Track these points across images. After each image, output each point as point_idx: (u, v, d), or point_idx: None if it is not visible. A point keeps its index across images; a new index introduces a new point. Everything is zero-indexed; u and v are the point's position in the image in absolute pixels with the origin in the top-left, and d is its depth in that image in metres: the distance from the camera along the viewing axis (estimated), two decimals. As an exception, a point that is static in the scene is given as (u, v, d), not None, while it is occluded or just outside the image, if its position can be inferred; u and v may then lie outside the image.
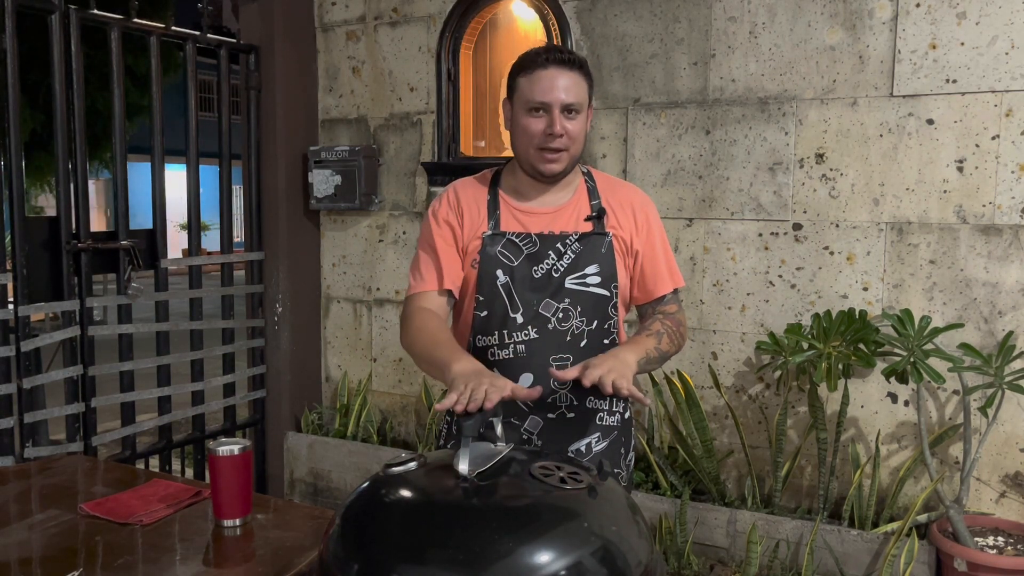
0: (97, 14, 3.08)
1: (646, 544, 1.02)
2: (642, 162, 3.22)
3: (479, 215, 1.70)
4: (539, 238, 1.66)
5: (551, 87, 1.58)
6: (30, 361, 2.92)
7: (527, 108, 1.61)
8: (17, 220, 2.86)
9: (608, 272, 1.66)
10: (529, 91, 1.60)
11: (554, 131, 1.59)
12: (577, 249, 1.65)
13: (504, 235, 1.67)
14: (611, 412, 1.73)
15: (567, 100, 1.59)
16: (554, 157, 1.62)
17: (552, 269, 1.64)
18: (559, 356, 1.64)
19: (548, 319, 1.64)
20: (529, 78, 1.61)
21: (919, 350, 2.58)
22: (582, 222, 1.68)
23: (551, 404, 1.67)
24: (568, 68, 1.60)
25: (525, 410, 1.65)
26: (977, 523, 2.71)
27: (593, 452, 1.70)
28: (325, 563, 1.01)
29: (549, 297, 1.64)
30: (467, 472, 1.03)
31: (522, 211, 1.70)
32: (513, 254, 1.66)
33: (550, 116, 1.59)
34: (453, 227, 1.70)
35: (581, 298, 1.64)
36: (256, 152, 3.79)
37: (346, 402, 3.91)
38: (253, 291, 3.86)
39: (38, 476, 1.78)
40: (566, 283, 1.64)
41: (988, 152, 2.69)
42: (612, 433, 1.73)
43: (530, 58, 1.62)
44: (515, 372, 1.63)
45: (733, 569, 2.91)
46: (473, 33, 3.63)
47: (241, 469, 1.51)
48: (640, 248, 1.71)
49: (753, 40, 2.99)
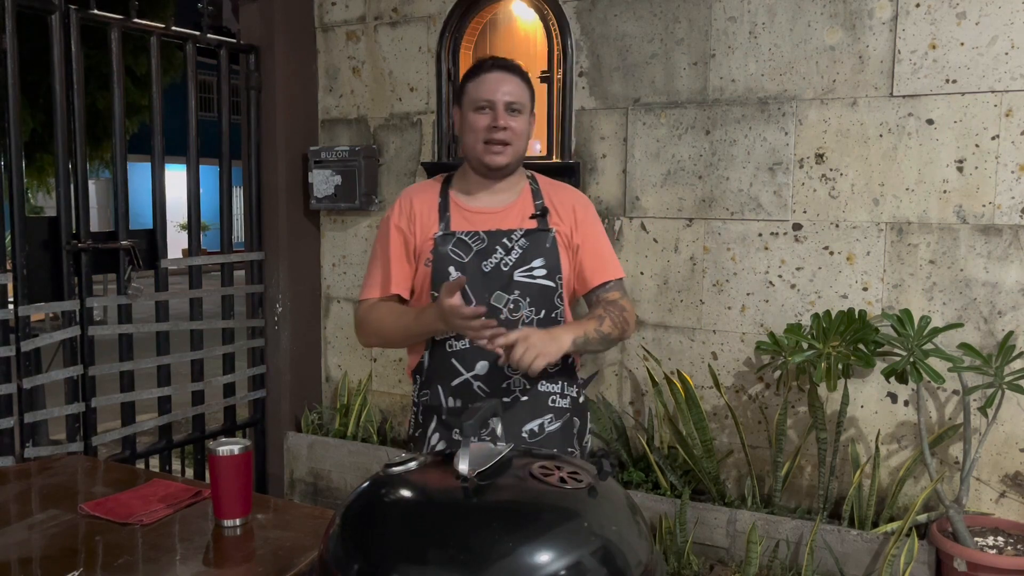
0: (97, 14, 3.08)
1: (646, 544, 1.02)
2: (642, 162, 3.22)
3: (430, 218, 1.83)
4: (487, 235, 1.80)
5: (495, 87, 1.76)
6: (30, 361, 2.92)
7: (474, 107, 1.78)
8: (17, 220, 2.86)
9: (553, 264, 1.80)
10: (476, 92, 1.78)
11: (498, 124, 1.75)
12: (524, 244, 1.79)
13: (454, 234, 1.80)
14: (563, 395, 1.87)
15: (509, 99, 1.76)
16: (499, 150, 1.77)
17: (501, 263, 1.78)
18: None
19: (500, 310, 1.77)
20: (475, 82, 1.79)
21: (919, 350, 2.58)
22: (527, 220, 1.83)
23: (506, 389, 1.80)
24: (510, 73, 1.79)
25: (482, 396, 1.79)
26: (977, 523, 2.71)
27: (546, 432, 1.83)
28: (325, 563, 1.01)
29: (500, 289, 1.77)
30: (467, 472, 1.03)
31: (471, 211, 1.84)
32: (463, 251, 1.79)
33: (495, 112, 1.76)
34: (405, 232, 1.85)
35: (530, 289, 1.78)
36: (256, 152, 3.79)
37: (346, 402, 3.91)
38: (253, 291, 3.86)
39: (38, 476, 1.78)
40: (515, 276, 1.78)
41: (988, 152, 2.69)
42: (564, 415, 1.86)
43: (476, 66, 1.83)
44: (472, 360, 1.79)
45: (733, 569, 2.91)
46: (473, 33, 3.63)
47: (241, 469, 1.51)
48: (580, 242, 1.86)
49: (753, 40, 2.99)
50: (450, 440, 1.82)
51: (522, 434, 1.81)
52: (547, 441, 1.81)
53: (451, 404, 1.82)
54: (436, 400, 1.84)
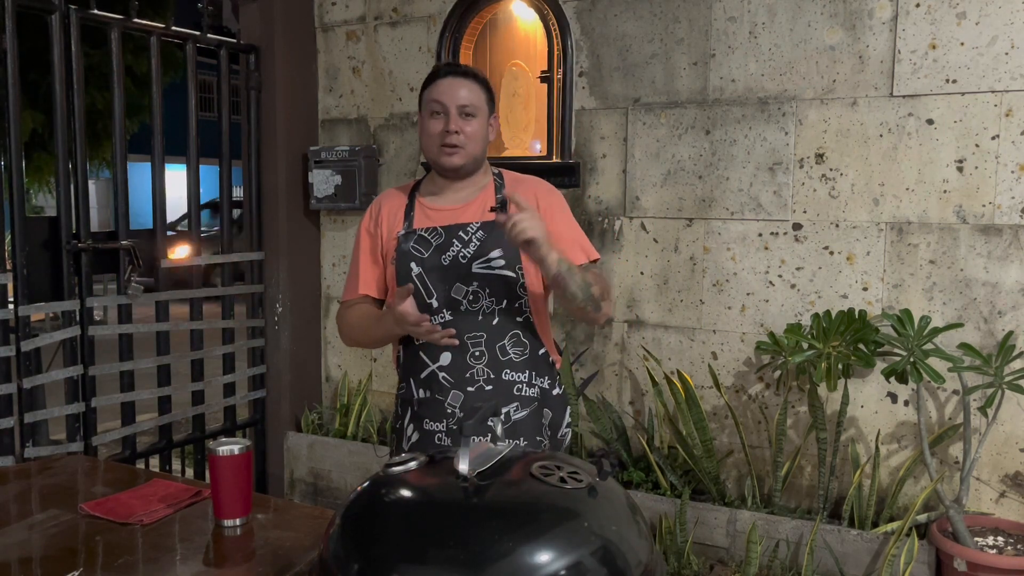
0: (97, 14, 3.08)
1: (646, 544, 1.02)
2: (642, 162, 3.22)
3: (396, 219, 1.92)
4: (444, 230, 1.85)
5: (447, 91, 1.82)
6: (30, 361, 2.92)
7: (429, 112, 1.84)
8: (17, 220, 2.86)
9: (511, 255, 1.82)
10: (430, 96, 1.84)
11: (449, 128, 1.81)
12: (481, 236, 1.83)
13: (416, 232, 1.87)
14: (530, 384, 1.88)
15: (461, 102, 1.81)
16: (451, 151, 1.82)
17: (459, 256, 1.82)
18: (473, 334, 1.82)
19: (460, 302, 1.82)
20: (431, 87, 1.85)
21: (919, 350, 2.58)
22: (487, 213, 1.85)
23: (470, 379, 1.84)
24: (464, 77, 1.84)
25: (447, 386, 1.84)
26: (977, 523, 2.71)
27: (512, 420, 1.85)
28: (325, 563, 1.01)
29: (459, 281, 1.81)
30: (467, 472, 1.03)
31: (433, 209, 1.90)
32: (423, 247, 1.84)
33: (447, 116, 1.81)
34: (373, 236, 1.94)
35: (488, 280, 1.82)
36: (256, 152, 3.79)
37: (346, 402, 3.91)
38: (253, 291, 3.86)
39: (38, 476, 1.78)
40: (473, 267, 1.82)
41: (988, 152, 2.69)
42: (532, 404, 1.88)
43: (432, 72, 1.88)
44: (436, 352, 1.84)
45: (733, 569, 2.91)
46: (473, 33, 3.63)
47: (241, 469, 1.51)
48: None
49: (753, 40, 2.99)
50: (422, 430, 1.88)
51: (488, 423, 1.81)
52: (513, 429, 1.84)
53: (421, 395, 1.88)
54: (409, 393, 1.91)
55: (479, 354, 1.83)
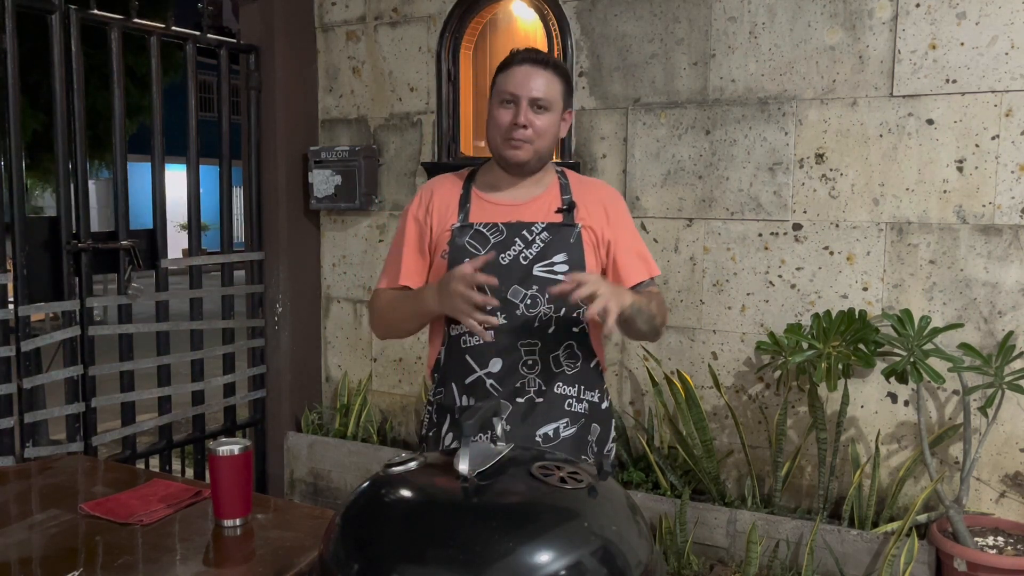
0: (97, 14, 3.08)
1: (646, 544, 1.02)
2: (642, 162, 3.22)
3: (449, 210, 1.78)
4: (506, 227, 1.72)
5: (522, 82, 1.69)
6: (30, 361, 2.92)
7: (499, 100, 1.71)
8: (17, 220, 2.86)
9: (576, 261, 1.72)
10: (503, 85, 1.71)
11: (518, 121, 1.68)
12: (545, 238, 1.71)
13: (472, 226, 1.74)
14: (579, 399, 1.77)
15: (535, 95, 1.68)
16: (518, 145, 1.70)
17: (520, 256, 1.70)
18: (527, 341, 1.70)
19: (516, 305, 1.69)
20: (505, 74, 1.72)
21: (919, 350, 2.58)
22: (552, 214, 1.75)
23: (520, 389, 1.71)
24: (542, 68, 1.70)
25: (495, 395, 1.71)
26: (977, 523, 2.71)
27: (561, 437, 1.74)
28: (325, 563, 1.01)
29: (517, 284, 1.69)
30: (467, 472, 1.03)
31: (492, 203, 1.77)
32: (481, 243, 1.72)
33: (518, 108, 1.68)
34: (421, 224, 1.80)
35: (549, 285, 1.68)
36: (256, 152, 3.79)
37: (346, 402, 3.91)
38: (253, 291, 3.86)
39: (38, 476, 1.78)
40: (534, 270, 1.70)
41: (988, 152, 2.69)
42: (580, 420, 1.77)
43: (508, 57, 1.74)
44: (486, 357, 1.71)
45: (733, 569, 2.91)
46: (473, 33, 3.63)
47: (241, 469, 1.51)
48: (611, 239, 1.78)
49: (753, 40, 2.99)
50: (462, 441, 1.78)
51: (535, 438, 1.73)
52: (561, 447, 1.74)
53: (464, 402, 1.75)
54: (450, 399, 1.78)
55: (532, 363, 1.70)
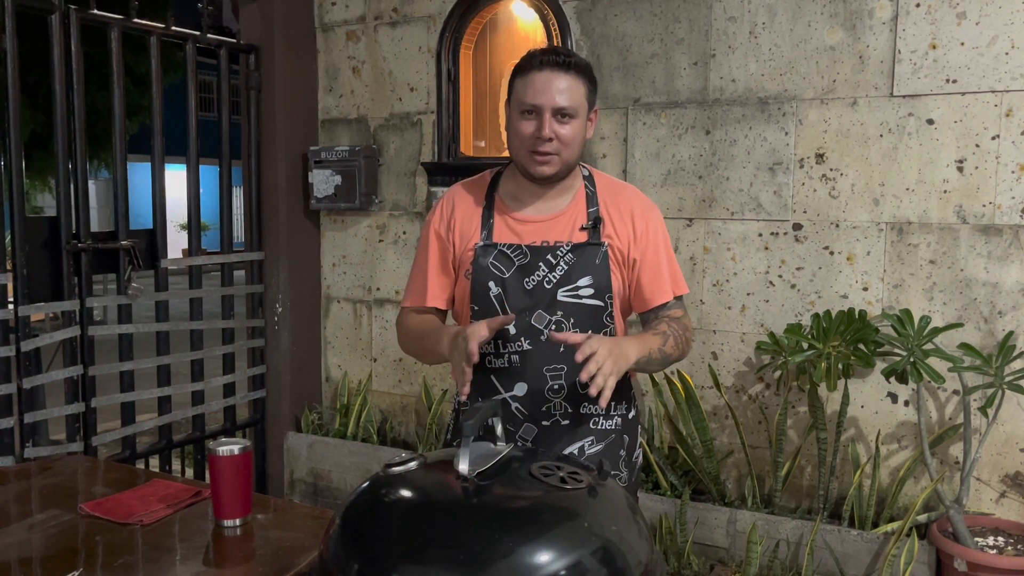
0: (97, 14, 3.08)
1: (646, 544, 1.02)
2: (642, 162, 3.22)
3: (472, 225, 1.70)
4: (530, 250, 1.65)
5: (543, 90, 1.57)
6: (30, 361, 2.92)
7: (520, 110, 1.61)
8: (17, 220, 2.86)
9: (602, 283, 1.65)
10: (523, 93, 1.60)
11: (542, 135, 1.58)
12: (570, 260, 1.64)
13: (496, 246, 1.66)
14: (608, 416, 1.72)
15: (559, 104, 1.57)
16: (544, 160, 1.61)
17: (544, 280, 1.63)
18: (552, 367, 1.64)
19: (540, 331, 1.63)
20: (524, 80, 1.61)
21: (919, 350, 2.58)
22: (577, 231, 1.67)
23: (546, 412, 1.67)
24: (564, 71, 1.58)
25: (520, 418, 1.66)
26: (977, 523, 2.71)
27: (586, 455, 1.69)
28: (325, 563, 1.01)
29: (542, 309, 1.63)
30: (467, 472, 1.03)
31: (516, 219, 1.69)
32: (505, 265, 1.65)
33: (540, 119, 1.58)
34: (444, 240, 1.73)
35: (575, 310, 1.63)
36: (256, 152, 3.79)
37: (346, 402, 3.91)
38: (253, 291, 3.86)
39: (38, 476, 1.78)
40: (559, 295, 1.63)
41: (988, 152, 2.69)
42: (608, 436, 1.72)
43: (526, 60, 1.63)
44: (511, 381, 1.66)
45: (733, 569, 2.91)
46: (473, 33, 3.63)
47: (241, 469, 1.51)
48: (638, 257, 1.69)
49: (753, 40, 2.99)
50: None
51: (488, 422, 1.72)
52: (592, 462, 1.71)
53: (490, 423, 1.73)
54: None
55: (558, 388, 1.65)
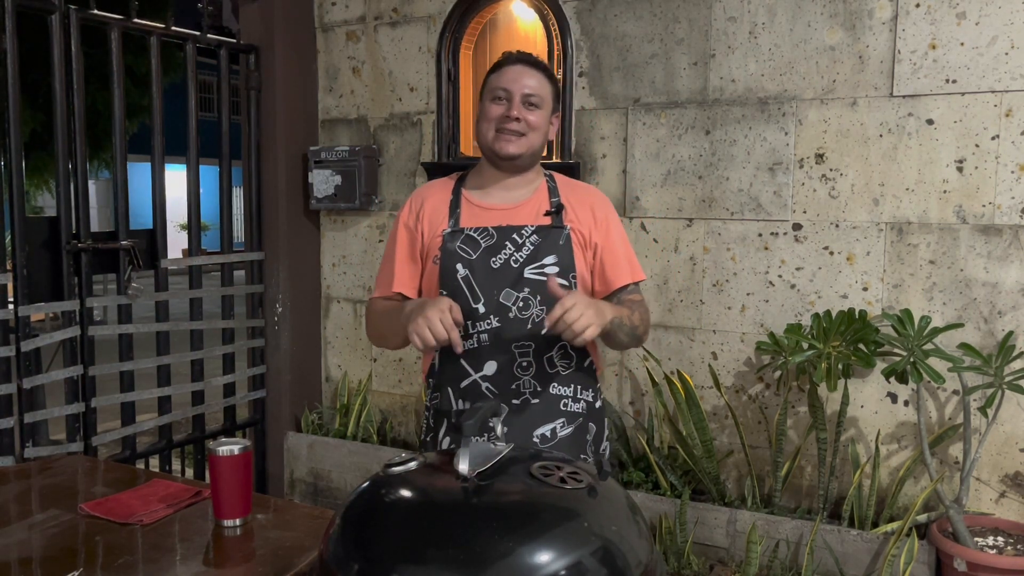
0: (97, 14, 3.08)
1: (646, 544, 1.02)
2: (642, 162, 3.22)
3: (440, 215, 1.80)
4: (496, 231, 1.75)
5: (515, 79, 1.74)
6: (30, 361, 2.92)
7: (491, 96, 1.76)
8: (17, 220, 2.86)
9: (566, 263, 1.74)
10: (495, 82, 1.76)
11: (511, 113, 1.72)
12: (535, 241, 1.74)
13: (463, 231, 1.76)
14: (576, 399, 1.79)
15: (527, 91, 1.73)
16: (510, 138, 1.73)
17: (511, 259, 1.72)
18: (521, 343, 1.72)
19: (509, 308, 1.72)
20: (497, 73, 1.77)
21: (919, 350, 2.58)
22: (541, 216, 1.78)
23: (515, 391, 1.74)
24: (534, 68, 1.76)
25: (491, 397, 1.73)
26: (977, 523, 2.71)
27: (558, 438, 1.76)
28: (325, 563, 1.01)
29: (509, 287, 1.72)
30: (467, 472, 1.03)
31: (482, 207, 1.80)
32: (471, 248, 1.74)
33: (511, 102, 1.73)
34: (412, 231, 1.82)
35: (540, 287, 1.71)
36: (256, 152, 3.79)
37: (346, 402, 3.91)
38: (253, 291, 3.86)
39: (38, 476, 1.78)
40: (525, 273, 1.72)
41: (988, 152, 2.69)
42: (577, 420, 1.79)
43: (500, 59, 1.79)
44: (481, 360, 1.73)
45: (733, 569, 2.91)
46: (473, 33, 3.63)
47: (241, 469, 1.51)
48: (599, 242, 1.80)
49: (753, 40, 2.99)
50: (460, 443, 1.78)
51: (533, 438, 1.74)
52: (559, 447, 1.75)
53: (460, 406, 1.77)
54: (446, 403, 1.79)
55: (527, 364, 1.72)
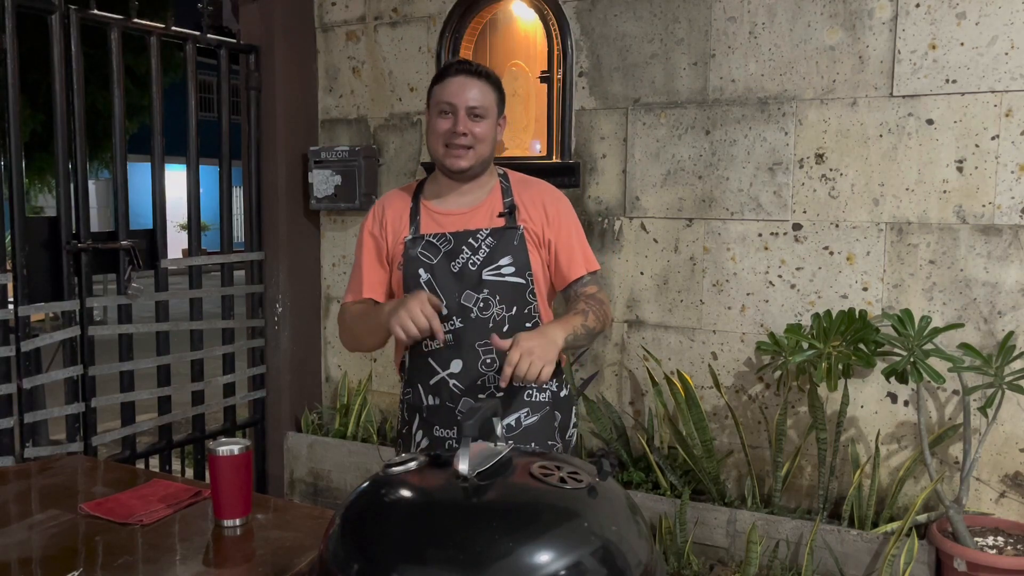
0: (97, 14, 3.08)
1: (646, 544, 1.02)
2: (642, 162, 3.22)
3: (402, 223, 1.89)
4: (453, 236, 1.84)
5: (458, 92, 1.79)
6: (30, 361, 2.92)
7: (438, 111, 1.81)
8: (17, 220, 2.86)
9: (521, 262, 1.83)
10: (440, 95, 1.81)
11: (457, 129, 1.78)
12: (491, 243, 1.82)
13: (423, 237, 1.85)
14: (541, 389, 1.88)
15: (471, 103, 1.78)
16: (459, 153, 1.80)
17: (468, 263, 1.82)
18: (484, 342, 1.81)
19: (470, 309, 1.81)
20: (441, 85, 1.82)
21: (919, 350, 2.58)
22: (496, 218, 1.85)
23: (481, 386, 1.82)
24: (476, 78, 1.81)
25: (458, 393, 1.83)
26: (977, 523, 2.71)
27: (523, 426, 1.86)
28: (325, 563, 1.01)
29: (469, 289, 1.81)
30: (467, 472, 1.03)
31: (440, 213, 1.88)
32: (432, 253, 1.83)
33: (456, 116, 1.79)
34: (377, 238, 1.92)
35: (499, 287, 1.81)
36: (256, 152, 3.79)
37: (346, 402, 3.91)
38: (253, 291, 3.86)
39: (38, 476, 1.78)
40: (483, 275, 1.81)
41: (988, 152, 2.69)
42: (543, 408, 1.88)
43: (443, 69, 1.85)
44: (446, 359, 1.82)
45: (733, 569, 2.91)
46: (473, 33, 3.62)
47: (241, 469, 1.51)
48: (552, 238, 1.87)
49: (753, 40, 2.99)
50: (432, 437, 1.88)
51: None
52: (525, 435, 1.84)
53: (430, 402, 1.87)
54: (418, 399, 1.89)
55: (490, 361, 1.81)
